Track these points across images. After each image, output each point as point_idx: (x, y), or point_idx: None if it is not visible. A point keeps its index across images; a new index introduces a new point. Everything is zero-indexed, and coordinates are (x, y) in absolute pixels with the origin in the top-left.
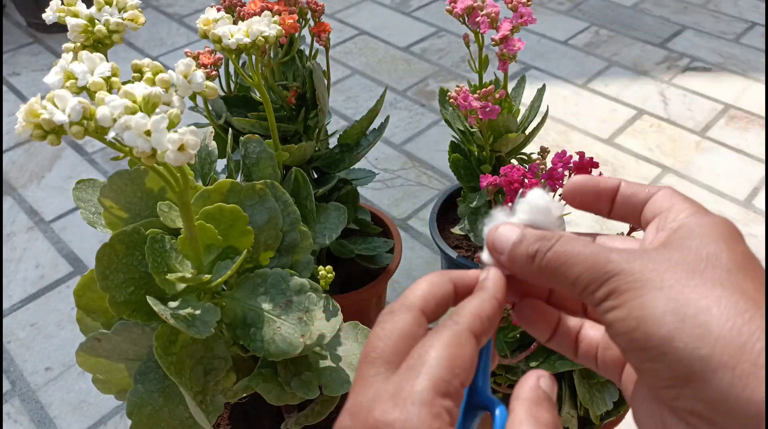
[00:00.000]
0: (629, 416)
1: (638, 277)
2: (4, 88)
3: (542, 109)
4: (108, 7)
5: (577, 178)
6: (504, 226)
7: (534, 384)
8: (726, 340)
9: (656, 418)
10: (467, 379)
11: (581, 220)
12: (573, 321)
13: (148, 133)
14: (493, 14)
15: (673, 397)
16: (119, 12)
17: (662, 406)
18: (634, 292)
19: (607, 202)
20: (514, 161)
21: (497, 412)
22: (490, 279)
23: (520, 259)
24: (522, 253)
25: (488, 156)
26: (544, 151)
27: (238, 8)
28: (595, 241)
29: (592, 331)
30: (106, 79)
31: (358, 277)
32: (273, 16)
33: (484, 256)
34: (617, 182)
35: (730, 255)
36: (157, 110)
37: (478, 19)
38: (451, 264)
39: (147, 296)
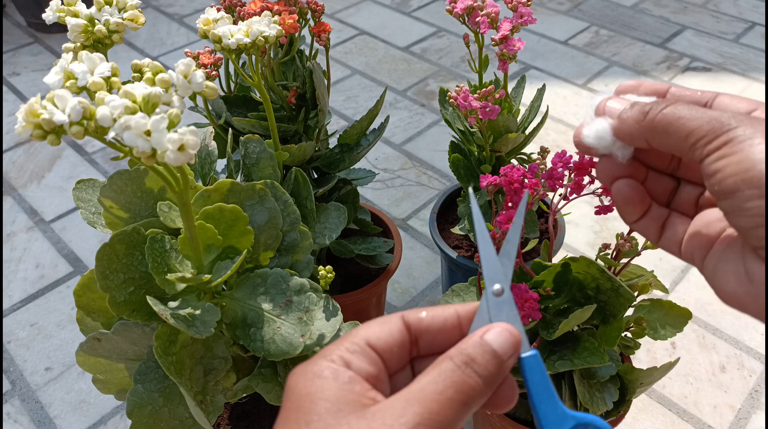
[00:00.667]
0: (629, 416)
1: (754, 131)
2: (4, 88)
3: (542, 109)
4: (108, 7)
5: (629, 83)
6: (612, 99)
7: (475, 338)
8: None
9: (740, 272)
10: (379, 344)
11: (581, 221)
12: (662, 210)
13: (148, 133)
14: (493, 14)
15: None
16: (119, 12)
17: (749, 258)
18: (750, 141)
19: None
20: (514, 161)
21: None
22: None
23: (633, 117)
24: (634, 113)
25: (488, 156)
26: (544, 151)
27: (238, 8)
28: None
29: (679, 221)
30: (106, 79)
31: (358, 277)
32: (273, 16)
33: (588, 130)
34: (666, 86)
35: None
36: (157, 110)
37: (478, 19)
38: (450, 264)
39: (147, 296)
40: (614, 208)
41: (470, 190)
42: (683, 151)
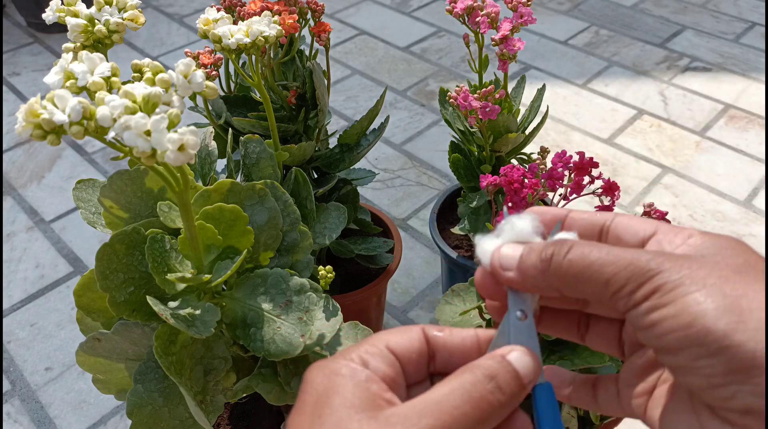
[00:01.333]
0: None
1: (686, 274)
2: (4, 88)
3: (542, 109)
4: (108, 7)
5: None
6: (506, 245)
7: (498, 356)
8: None
9: None
10: (398, 350)
11: None
12: (588, 376)
13: (148, 133)
14: (493, 14)
15: (728, 396)
16: (119, 12)
17: (703, 416)
18: (684, 288)
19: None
20: (514, 161)
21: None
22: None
23: (533, 268)
24: (534, 261)
25: (488, 156)
26: (544, 151)
27: (238, 8)
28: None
29: (609, 380)
30: (106, 79)
31: (358, 277)
32: (273, 16)
33: (478, 277)
34: (565, 211)
35: (762, 261)
36: (157, 110)
37: (478, 19)
38: (450, 264)
39: (147, 296)
40: (614, 208)
41: (505, 209)
42: (602, 301)
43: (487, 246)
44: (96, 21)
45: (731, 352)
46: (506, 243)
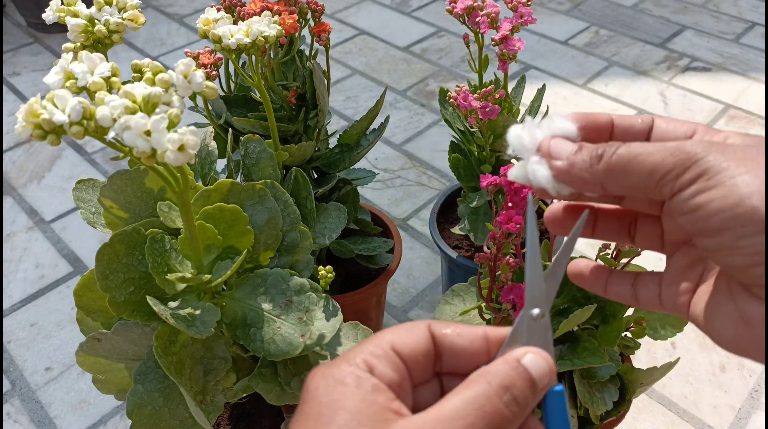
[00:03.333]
0: (629, 416)
1: (730, 158)
2: (4, 88)
3: (542, 109)
4: (108, 7)
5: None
6: (557, 138)
7: (513, 361)
8: None
9: (734, 316)
10: (404, 350)
11: None
12: (626, 274)
13: (148, 133)
14: (493, 14)
15: None
16: (119, 12)
17: (741, 299)
18: (730, 171)
19: (606, 136)
20: (514, 161)
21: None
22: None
23: (584, 162)
24: (585, 156)
25: (488, 156)
26: None
27: (238, 8)
28: None
29: (649, 277)
30: (106, 79)
31: (358, 277)
32: (273, 16)
33: (517, 169)
34: (609, 116)
35: None
36: (157, 110)
37: (478, 19)
38: (451, 264)
39: (147, 296)
40: None
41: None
42: (648, 190)
43: (532, 134)
44: (96, 21)
45: None
46: (557, 137)
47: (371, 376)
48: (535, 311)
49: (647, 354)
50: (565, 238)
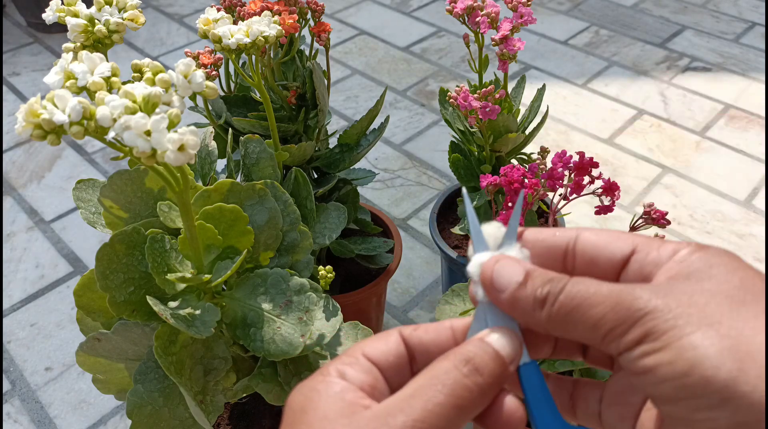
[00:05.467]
0: None
1: (678, 312)
2: (4, 88)
3: (542, 109)
4: (108, 7)
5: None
6: (505, 260)
7: (476, 338)
8: None
9: None
10: (375, 355)
11: (581, 220)
12: (565, 381)
13: (148, 133)
14: (493, 14)
15: None
16: (119, 12)
17: None
18: (678, 330)
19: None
20: (514, 161)
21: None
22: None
23: (527, 303)
24: (529, 297)
25: (488, 156)
26: (544, 151)
27: (238, 8)
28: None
29: (589, 389)
30: (106, 79)
31: (358, 277)
32: (273, 16)
33: (479, 293)
34: (520, 229)
35: (759, 277)
36: (157, 110)
37: (478, 19)
38: (451, 264)
39: (147, 296)
40: (614, 208)
41: (464, 190)
42: (595, 344)
43: (478, 257)
44: (96, 21)
45: (735, 404)
46: (499, 255)
47: (341, 380)
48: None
49: None
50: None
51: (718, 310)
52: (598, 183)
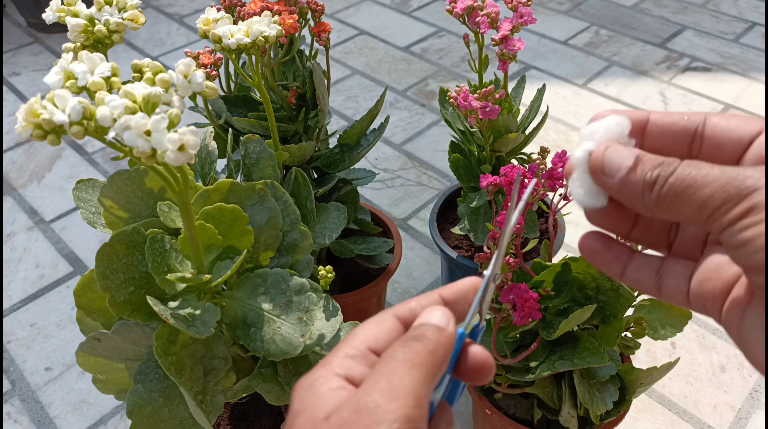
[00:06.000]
0: (629, 416)
1: None
2: (4, 88)
3: (542, 109)
4: (108, 7)
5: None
6: (615, 146)
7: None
8: None
9: None
10: (377, 346)
11: (581, 221)
12: (651, 258)
13: (148, 133)
14: (493, 14)
15: None
16: (119, 12)
17: None
18: None
19: (639, 136)
20: (514, 161)
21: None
22: (453, 283)
23: (636, 186)
24: (639, 180)
25: (488, 156)
26: (544, 151)
27: (238, 8)
28: None
29: (679, 267)
30: (106, 79)
31: (358, 277)
32: (273, 16)
33: (575, 186)
34: (646, 114)
35: None
36: (157, 110)
37: (478, 19)
38: (450, 264)
39: (147, 296)
40: None
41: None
42: (699, 223)
43: (585, 145)
44: (96, 21)
45: None
46: (608, 142)
47: (338, 377)
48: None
49: (647, 354)
50: (513, 203)
51: None
52: None
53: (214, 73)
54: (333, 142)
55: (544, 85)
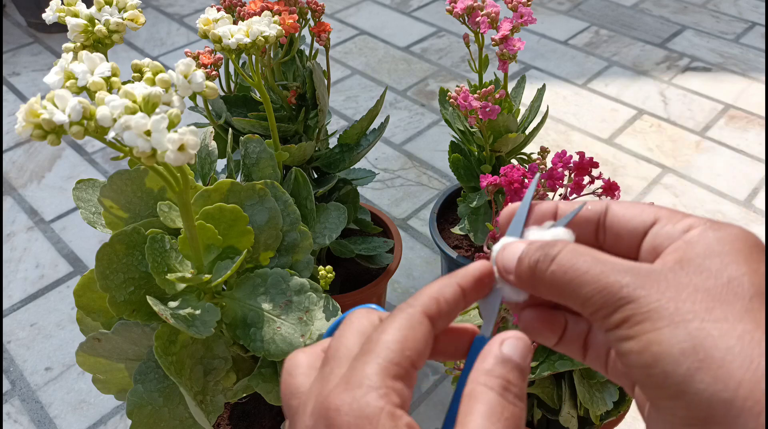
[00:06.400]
0: (629, 416)
1: (655, 306)
2: (4, 88)
3: (542, 109)
4: (108, 7)
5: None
6: (511, 243)
7: (497, 354)
8: (750, 384)
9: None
10: (419, 360)
11: None
12: (581, 325)
13: (148, 133)
14: (493, 14)
15: None
16: (119, 12)
17: None
18: (650, 323)
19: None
20: (514, 161)
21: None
22: (464, 268)
23: (524, 274)
24: (524, 267)
25: (488, 156)
26: (544, 151)
27: (238, 8)
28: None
29: (602, 336)
30: (106, 79)
31: (358, 277)
32: (273, 16)
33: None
34: (553, 205)
35: (753, 279)
36: (157, 110)
37: (478, 19)
38: (451, 264)
39: (147, 296)
40: None
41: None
42: (589, 317)
43: (502, 240)
44: (96, 21)
45: (689, 398)
46: (508, 239)
47: (403, 413)
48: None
49: None
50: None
51: (694, 308)
52: (598, 183)
53: (214, 73)
54: (333, 142)
55: (544, 85)
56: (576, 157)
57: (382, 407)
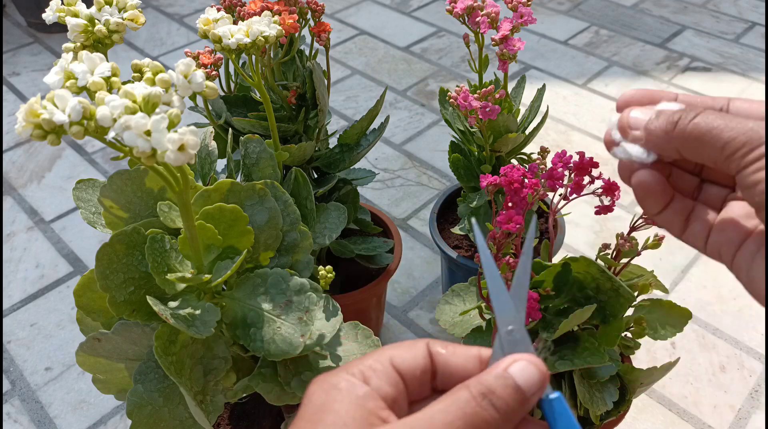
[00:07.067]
0: (629, 416)
1: None
2: (4, 88)
3: (542, 109)
4: (108, 7)
5: (630, 92)
6: (635, 109)
7: (498, 372)
8: None
9: None
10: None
11: (581, 221)
12: (686, 202)
13: (148, 133)
14: (493, 14)
15: None
16: (119, 12)
17: None
18: None
19: None
20: (514, 161)
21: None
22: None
23: (660, 129)
24: (662, 123)
25: (488, 156)
26: (544, 151)
27: (238, 8)
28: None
29: (706, 214)
30: (106, 79)
31: (358, 277)
32: (273, 16)
33: (615, 135)
34: (674, 95)
35: None
36: (157, 110)
37: (478, 19)
38: (451, 264)
39: (147, 296)
40: (614, 208)
41: (473, 221)
42: (717, 162)
43: (615, 118)
44: (96, 21)
45: None
46: (634, 108)
47: (364, 384)
48: (509, 327)
49: (647, 354)
50: (522, 257)
51: None
52: (598, 183)
53: (214, 73)
54: (333, 142)
55: (544, 85)
56: (576, 157)
57: (346, 378)
